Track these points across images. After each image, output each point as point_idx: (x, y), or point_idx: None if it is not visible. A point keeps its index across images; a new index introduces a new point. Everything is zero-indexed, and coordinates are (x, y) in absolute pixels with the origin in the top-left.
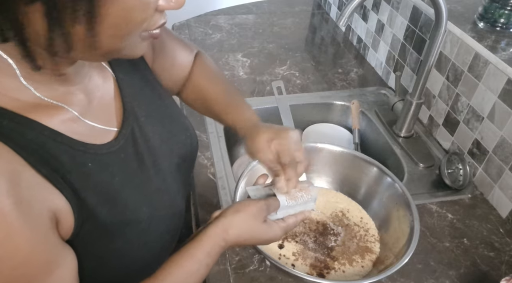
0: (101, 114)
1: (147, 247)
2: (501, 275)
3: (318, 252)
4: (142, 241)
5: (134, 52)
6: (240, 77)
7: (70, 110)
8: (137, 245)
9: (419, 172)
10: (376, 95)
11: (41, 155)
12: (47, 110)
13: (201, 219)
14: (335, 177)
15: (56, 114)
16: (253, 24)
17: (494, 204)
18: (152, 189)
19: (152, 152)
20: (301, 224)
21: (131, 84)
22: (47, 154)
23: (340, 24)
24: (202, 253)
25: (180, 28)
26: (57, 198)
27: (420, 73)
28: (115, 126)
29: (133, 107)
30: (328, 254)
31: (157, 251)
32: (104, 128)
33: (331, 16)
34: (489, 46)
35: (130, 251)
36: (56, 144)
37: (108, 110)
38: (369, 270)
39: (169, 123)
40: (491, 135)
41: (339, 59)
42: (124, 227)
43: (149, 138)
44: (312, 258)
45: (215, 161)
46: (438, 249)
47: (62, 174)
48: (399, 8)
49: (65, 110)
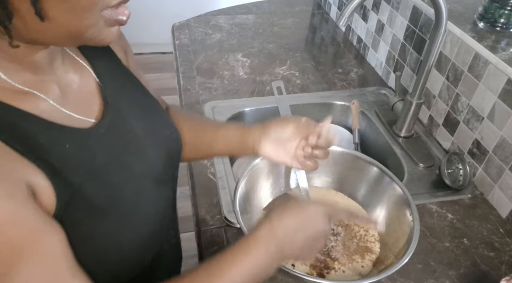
0: (78, 106)
1: (135, 228)
2: (501, 275)
3: (318, 252)
4: (130, 221)
5: (101, 37)
6: (240, 77)
7: (44, 97)
8: (125, 225)
9: (419, 172)
10: (376, 95)
11: (13, 135)
12: (18, 95)
13: (201, 219)
14: (335, 177)
15: (29, 99)
16: (253, 24)
17: (494, 204)
18: (136, 172)
19: (135, 140)
20: None
21: (111, 80)
22: (20, 134)
23: (340, 24)
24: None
25: (180, 28)
26: (33, 173)
27: (420, 73)
28: (94, 118)
29: (114, 102)
30: (328, 254)
31: (146, 233)
32: (82, 118)
33: (331, 16)
34: (489, 46)
35: (119, 231)
36: (29, 124)
37: (86, 104)
38: (369, 270)
39: (153, 119)
40: (491, 135)
41: (339, 59)
42: (111, 205)
43: (132, 129)
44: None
45: (215, 161)
46: (438, 249)
47: (38, 153)
48: (399, 8)
49: (38, 97)
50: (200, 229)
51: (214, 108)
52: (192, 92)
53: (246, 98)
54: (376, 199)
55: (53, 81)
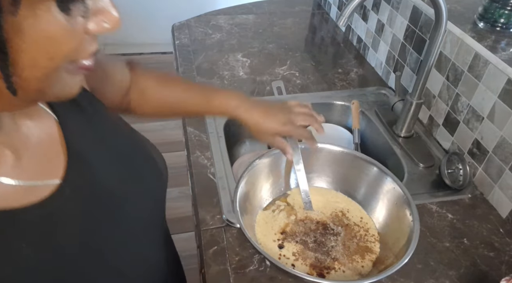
0: (39, 167)
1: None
2: (501, 275)
3: (318, 252)
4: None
5: (66, 91)
6: (240, 77)
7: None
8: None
9: (419, 172)
10: (376, 95)
11: None
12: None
13: (201, 219)
14: (335, 177)
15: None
16: (253, 24)
17: (494, 204)
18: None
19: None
20: (301, 224)
21: (76, 122)
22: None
23: (340, 24)
24: None
25: (180, 28)
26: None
27: (420, 73)
28: (59, 175)
29: (79, 150)
30: (328, 254)
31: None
32: (42, 184)
33: (331, 16)
34: (489, 46)
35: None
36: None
37: (48, 159)
38: (369, 270)
39: (130, 161)
40: (491, 135)
41: (339, 59)
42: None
43: (104, 184)
44: (312, 258)
45: (215, 161)
46: (438, 249)
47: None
48: (399, 8)
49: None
50: (200, 229)
51: None
52: None
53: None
54: (376, 199)
55: (4, 144)
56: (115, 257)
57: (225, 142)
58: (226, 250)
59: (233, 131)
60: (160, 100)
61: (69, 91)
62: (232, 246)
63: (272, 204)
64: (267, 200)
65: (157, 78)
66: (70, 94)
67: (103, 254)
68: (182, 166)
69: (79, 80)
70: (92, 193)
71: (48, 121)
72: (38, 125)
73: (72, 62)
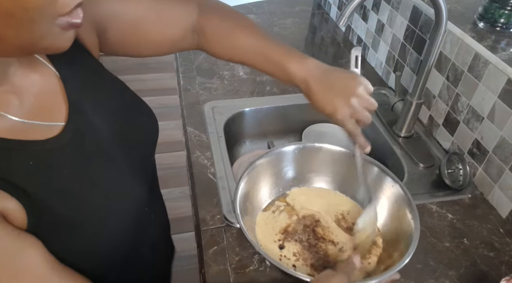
0: (41, 111)
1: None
2: (501, 275)
3: (319, 253)
4: (103, 231)
5: (57, 44)
6: (240, 77)
7: (1, 113)
8: (99, 236)
9: (419, 172)
10: (376, 95)
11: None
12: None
13: (201, 219)
14: (335, 177)
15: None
16: None
17: (494, 204)
18: (105, 182)
19: (102, 144)
20: (301, 224)
21: (75, 77)
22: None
23: (340, 24)
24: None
25: None
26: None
27: (420, 73)
28: (61, 121)
29: (79, 101)
30: (329, 254)
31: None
32: (46, 125)
33: (331, 16)
34: (489, 46)
35: (93, 242)
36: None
37: (50, 106)
38: (369, 270)
39: (123, 113)
40: (491, 135)
41: (339, 59)
42: (82, 216)
43: (98, 131)
44: (313, 259)
45: (215, 161)
46: (438, 249)
47: (1, 176)
48: (399, 8)
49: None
50: (200, 229)
51: (214, 108)
52: (192, 92)
53: (246, 98)
54: (376, 199)
55: (10, 91)
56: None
57: (225, 141)
58: (226, 250)
59: (233, 131)
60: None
61: (60, 45)
62: (232, 246)
63: (271, 204)
64: (267, 200)
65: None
66: (62, 47)
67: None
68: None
69: (70, 36)
70: (89, 143)
71: (50, 76)
72: (41, 79)
73: (61, 17)
